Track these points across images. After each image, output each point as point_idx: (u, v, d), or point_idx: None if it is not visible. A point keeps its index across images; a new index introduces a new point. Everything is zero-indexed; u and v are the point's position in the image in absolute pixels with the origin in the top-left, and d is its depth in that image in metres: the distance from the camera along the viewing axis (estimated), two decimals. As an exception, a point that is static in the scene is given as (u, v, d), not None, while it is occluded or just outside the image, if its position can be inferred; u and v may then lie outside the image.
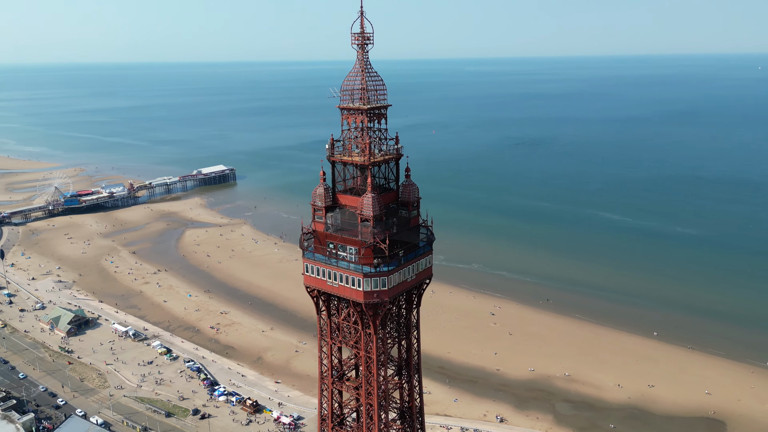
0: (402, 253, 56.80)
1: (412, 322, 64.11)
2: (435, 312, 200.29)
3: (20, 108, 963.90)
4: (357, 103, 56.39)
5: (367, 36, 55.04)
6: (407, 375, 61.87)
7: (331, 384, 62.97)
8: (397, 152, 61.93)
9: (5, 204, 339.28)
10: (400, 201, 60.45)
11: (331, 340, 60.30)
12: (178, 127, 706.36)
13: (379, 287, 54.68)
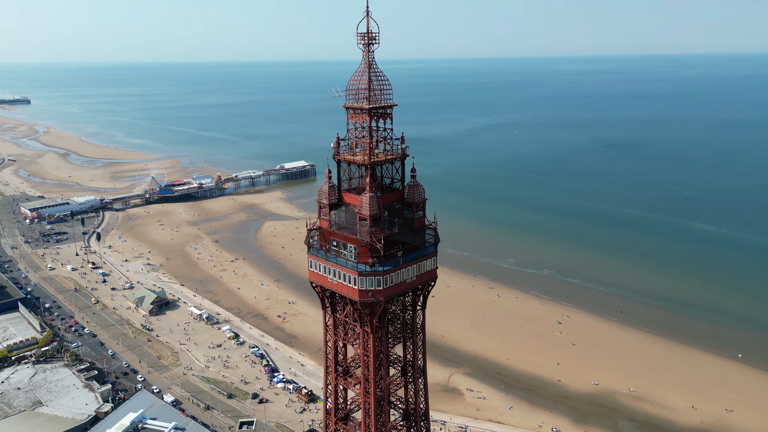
0: (401, 253, 56.62)
1: (417, 324, 63.47)
2: (498, 317, 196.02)
3: (130, 103, 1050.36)
4: (361, 103, 56.73)
5: (372, 36, 55.12)
6: (412, 377, 61.47)
7: (335, 379, 63.84)
8: (402, 152, 61.46)
9: (109, 191, 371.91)
10: (405, 201, 60.08)
11: (335, 336, 61.13)
12: (268, 123, 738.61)
13: (374, 286, 54.83)
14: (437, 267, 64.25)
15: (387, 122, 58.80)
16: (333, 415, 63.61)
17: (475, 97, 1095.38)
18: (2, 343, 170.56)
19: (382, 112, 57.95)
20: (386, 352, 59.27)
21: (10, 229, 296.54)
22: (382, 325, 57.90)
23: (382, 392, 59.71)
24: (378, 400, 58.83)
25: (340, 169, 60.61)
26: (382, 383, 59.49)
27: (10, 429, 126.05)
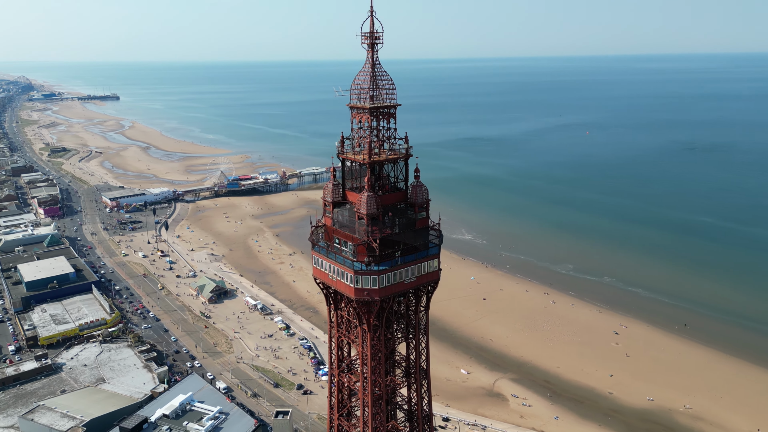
0: (399, 253, 56.08)
1: (419, 325, 62.63)
2: (551, 323, 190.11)
3: (208, 100, 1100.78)
4: (363, 102, 56.67)
5: (376, 36, 54.88)
6: (415, 378, 60.76)
7: (337, 375, 64.23)
8: (406, 152, 60.80)
9: (182, 183, 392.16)
10: (408, 202, 59.43)
11: (337, 332, 61.54)
12: (336, 120, 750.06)
13: (369, 285, 54.79)
14: (440, 269, 63.47)
15: (390, 122, 58.67)
16: (336, 410, 64.36)
17: (546, 97, 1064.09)
18: (75, 322, 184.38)
19: (385, 112, 57.85)
20: (384, 351, 59.16)
21: (92, 216, 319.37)
22: (381, 324, 57.93)
23: (381, 391, 59.66)
24: (376, 398, 58.87)
25: (344, 168, 61.09)
26: (381, 382, 59.42)
27: (74, 402, 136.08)
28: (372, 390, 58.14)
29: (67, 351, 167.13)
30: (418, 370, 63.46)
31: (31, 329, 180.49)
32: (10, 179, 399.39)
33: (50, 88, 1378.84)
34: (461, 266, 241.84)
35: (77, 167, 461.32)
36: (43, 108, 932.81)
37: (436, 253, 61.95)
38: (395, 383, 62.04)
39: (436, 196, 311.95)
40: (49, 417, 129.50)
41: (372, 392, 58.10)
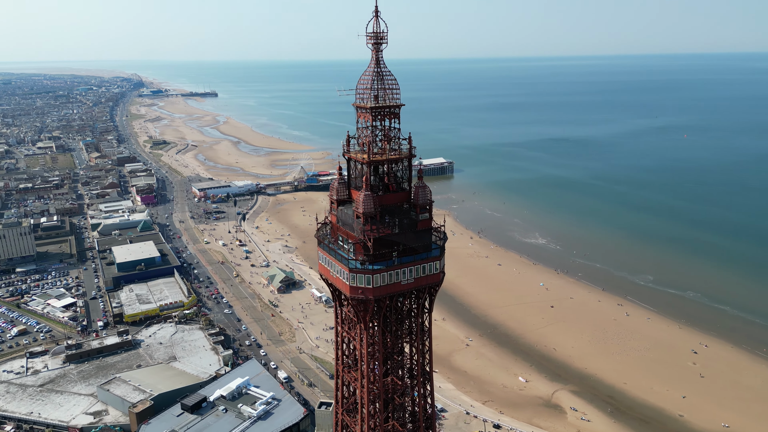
0: (396, 254, 55.07)
1: (419, 327, 61.26)
2: (623, 336, 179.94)
3: (298, 98, 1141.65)
4: (366, 102, 56.21)
5: (380, 36, 54.11)
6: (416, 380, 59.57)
7: (341, 370, 64.41)
8: (409, 152, 59.60)
9: (266, 177, 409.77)
10: (411, 203, 58.26)
11: (341, 329, 61.66)
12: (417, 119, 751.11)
13: (363, 284, 54.47)
14: (442, 272, 62.27)
15: (394, 122, 58.08)
16: (340, 405, 64.90)
17: (640, 97, 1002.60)
18: (157, 302, 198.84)
19: (388, 112, 57.34)
20: (382, 351, 58.86)
21: (181, 205, 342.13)
22: (378, 324, 57.63)
23: (379, 390, 59.37)
24: (373, 397, 58.71)
25: (350, 167, 61.38)
26: (379, 381, 59.16)
27: (146, 377, 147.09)
28: (368, 388, 58.31)
29: (147, 329, 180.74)
30: (419, 371, 62.78)
31: (118, 307, 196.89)
32: (115, 168, 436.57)
33: (158, 85, 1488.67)
34: (531, 271, 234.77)
35: (174, 159, 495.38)
36: (151, 103, 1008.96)
37: (437, 256, 60.92)
38: (396, 383, 61.74)
39: (510, 198, 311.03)
40: (123, 389, 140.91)
41: (368, 390, 58.28)
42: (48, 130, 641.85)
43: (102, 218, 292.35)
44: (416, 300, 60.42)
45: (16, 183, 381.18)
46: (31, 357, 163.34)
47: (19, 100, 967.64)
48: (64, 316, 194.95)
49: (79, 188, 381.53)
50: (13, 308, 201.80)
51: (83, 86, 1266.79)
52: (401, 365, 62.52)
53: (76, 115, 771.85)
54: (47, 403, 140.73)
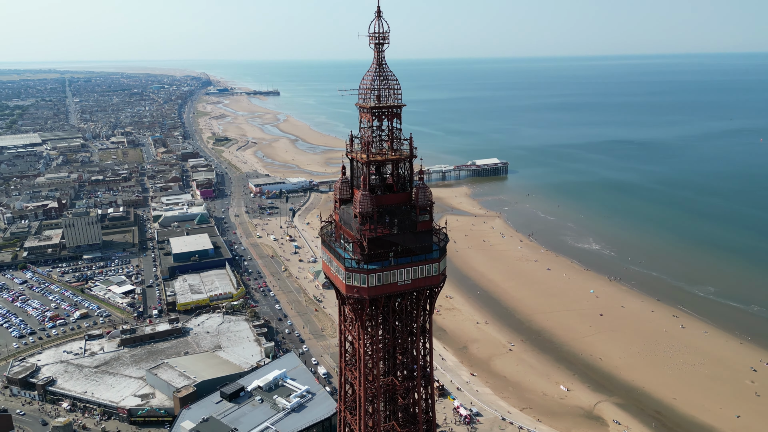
0: (392, 254, 54.12)
1: (419, 328, 60.09)
2: (675, 350, 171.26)
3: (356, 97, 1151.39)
4: (368, 102, 55.63)
5: (382, 36, 53.32)
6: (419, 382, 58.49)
7: (344, 368, 64.26)
8: (410, 153, 58.55)
9: (320, 174, 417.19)
10: (411, 204, 57.22)
11: (344, 326, 61.48)
12: (474, 119, 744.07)
13: (359, 283, 54.07)
14: (442, 274, 61.05)
15: (395, 122, 57.47)
16: (342, 402, 64.97)
17: (715, 98, 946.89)
18: (207, 293, 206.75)
19: (389, 112, 56.76)
20: (380, 350, 58.43)
21: (238, 200, 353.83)
22: (375, 323, 57.24)
23: (376, 390, 58.99)
24: (370, 396, 58.40)
25: (353, 166, 61.27)
26: (376, 381, 58.77)
27: (192, 364, 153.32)
28: (365, 387, 58.26)
29: (196, 318, 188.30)
30: (419, 372, 62.07)
31: (171, 295, 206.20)
32: (178, 163, 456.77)
33: (225, 83, 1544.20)
34: (582, 277, 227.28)
35: (234, 155, 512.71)
36: (216, 101, 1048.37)
37: (436, 258, 59.93)
38: (396, 384, 61.39)
39: (565, 201, 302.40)
40: (169, 374, 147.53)
41: (365, 389, 58.22)
42: (121, 125, 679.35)
43: (163, 210, 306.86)
44: (415, 301, 59.99)
45: (89, 175, 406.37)
46: (89, 339, 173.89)
47: (97, 97, 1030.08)
48: (123, 302, 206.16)
49: (146, 181, 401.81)
50: (77, 293, 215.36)
51: (156, 84, 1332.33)
52: (402, 366, 62.23)
53: (148, 111, 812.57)
54: (100, 384, 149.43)
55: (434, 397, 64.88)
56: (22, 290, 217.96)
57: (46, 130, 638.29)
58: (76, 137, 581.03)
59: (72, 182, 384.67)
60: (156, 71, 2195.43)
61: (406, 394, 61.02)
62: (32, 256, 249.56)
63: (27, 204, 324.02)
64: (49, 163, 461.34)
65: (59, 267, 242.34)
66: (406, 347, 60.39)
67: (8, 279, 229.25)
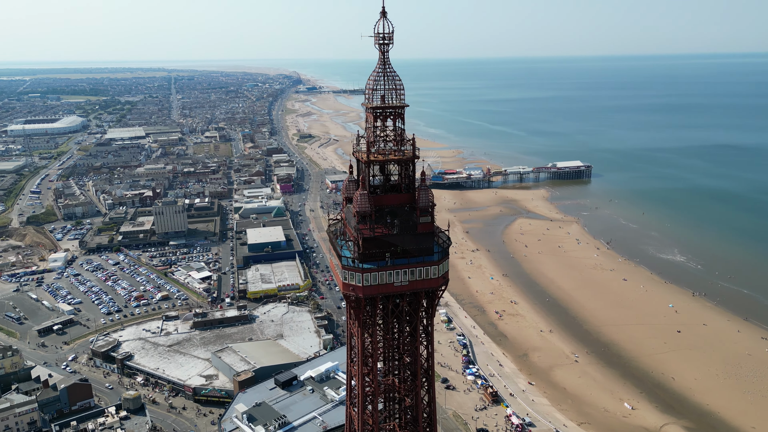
0: (389, 255, 52.69)
1: (419, 330, 58.29)
2: (761, 375, 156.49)
3: (439, 96, 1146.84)
4: (372, 102, 54.58)
5: (387, 36, 51.88)
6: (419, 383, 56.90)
7: (349, 365, 63.74)
8: (412, 154, 56.91)
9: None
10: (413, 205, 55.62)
11: (350, 324, 61.01)
12: (559, 119, 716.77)
13: (354, 282, 53.29)
14: (443, 277, 59.22)
15: (398, 123, 56.36)
16: (348, 399, 64.84)
17: None
18: (276, 283, 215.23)
19: (391, 112, 55.69)
20: (377, 349, 57.70)
21: (314, 195, 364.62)
22: (373, 323, 56.49)
23: (373, 388, 58.26)
24: (366, 394, 57.74)
25: (358, 166, 60.86)
26: (374, 380, 58.10)
27: (254, 350, 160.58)
28: (362, 385, 57.97)
29: (263, 306, 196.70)
30: (419, 373, 60.83)
31: (243, 283, 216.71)
32: (263, 158, 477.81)
33: (314, 82, 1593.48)
34: (661, 290, 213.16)
35: (316, 152, 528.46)
36: (304, 99, 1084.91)
37: (435, 260, 58.35)
38: (396, 384, 60.60)
39: (651, 209, 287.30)
40: (232, 358, 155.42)
41: (362, 387, 57.93)
42: (215, 121, 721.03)
43: (244, 202, 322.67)
44: (415, 303, 59.22)
45: (182, 167, 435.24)
46: (166, 320, 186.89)
47: (197, 94, 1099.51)
48: (200, 287, 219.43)
49: (232, 174, 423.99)
50: (161, 276, 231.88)
51: (250, 83, 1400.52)
52: (403, 366, 61.67)
53: (240, 108, 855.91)
54: (171, 362, 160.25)
55: (435, 399, 63.90)
56: (114, 271, 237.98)
57: (150, 124, 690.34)
58: (175, 131, 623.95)
59: (167, 173, 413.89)
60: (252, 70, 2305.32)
61: (408, 394, 60.66)
62: (126, 240, 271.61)
63: (126, 192, 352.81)
64: (150, 155, 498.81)
65: (148, 251, 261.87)
66: (407, 348, 60.01)
67: (103, 260, 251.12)
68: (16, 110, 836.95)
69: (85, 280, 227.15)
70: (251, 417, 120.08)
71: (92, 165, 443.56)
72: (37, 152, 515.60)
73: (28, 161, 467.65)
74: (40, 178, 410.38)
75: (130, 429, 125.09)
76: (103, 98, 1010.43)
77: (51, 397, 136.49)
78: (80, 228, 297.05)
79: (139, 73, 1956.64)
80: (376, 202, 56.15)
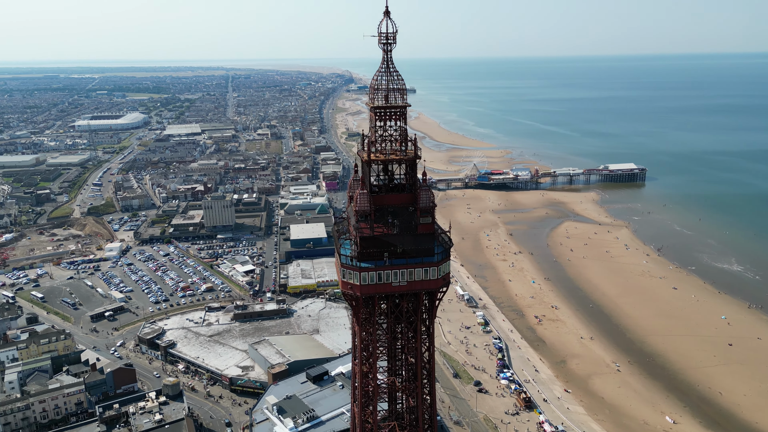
0: (387, 255, 51.67)
1: (420, 331, 56.93)
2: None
3: (491, 95, 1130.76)
4: (375, 102, 53.71)
5: (389, 36, 50.74)
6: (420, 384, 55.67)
7: (354, 363, 63.30)
8: (414, 154, 55.52)
9: (440, 172, 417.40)
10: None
11: (353, 323, 60.58)
12: (616, 120, 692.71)
13: (352, 280, 52.59)
14: (443, 279, 57.79)
15: (399, 123, 55.37)
16: (352, 396, 64.62)
17: None
18: (316, 278, 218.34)
19: (392, 113, 54.79)
20: (376, 348, 56.95)
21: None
22: (372, 322, 55.85)
23: (372, 387, 57.65)
24: (366, 392, 57.20)
25: (363, 165, 60.43)
26: (373, 379, 57.53)
27: (289, 344, 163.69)
28: (361, 384, 57.69)
29: (301, 301, 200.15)
30: (419, 374, 59.88)
31: (284, 278, 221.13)
32: (311, 155, 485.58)
33: (366, 81, 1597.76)
34: (713, 301, 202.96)
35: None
36: (355, 98, 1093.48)
37: (434, 261, 57.20)
38: (396, 384, 59.97)
39: (709, 215, 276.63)
40: (268, 350, 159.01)
41: (361, 386, 57.64)
42: (268, 119, 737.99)
43: (289, 199, 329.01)
44: (415, 303, 58.52)
45: (234, 163, 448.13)
46: (208, 311, 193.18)
47: (252, 93, 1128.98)
48: (243, 280, 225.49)
49: (280, 171, 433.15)
50: (207, 268, 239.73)
51: (304, 81, 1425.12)
52: (403, 367, 61.17)
53: (293, 106, 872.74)
54: (211, 352, 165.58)
55: (435, 400, 63.16)
56: (164, 262, 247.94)
57: (206, 121, 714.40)
58: (229, 128, 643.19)
59: (219, 169, 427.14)
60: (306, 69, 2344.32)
61: (410, 395, 60.30)
62: (177, 233, 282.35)
63: (180, 186, 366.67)
64: (204, 151, 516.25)
65: (197, 244, 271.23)
66: (408, 349, 59.57)
67: (155, 251, 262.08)
68: (84, 106, 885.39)
69: (137, 270, 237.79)
70: (281, 409, 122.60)
71: (150, 160, 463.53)
72: (101, 147, 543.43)
73: (92, 155, 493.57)
74: (102, 171, 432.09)
75: (168, 414, 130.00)
76: (165, 96, 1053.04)
77: (98, 380, 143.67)
78: (136, 219, 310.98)
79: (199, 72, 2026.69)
80: (378, 202, 56.25)
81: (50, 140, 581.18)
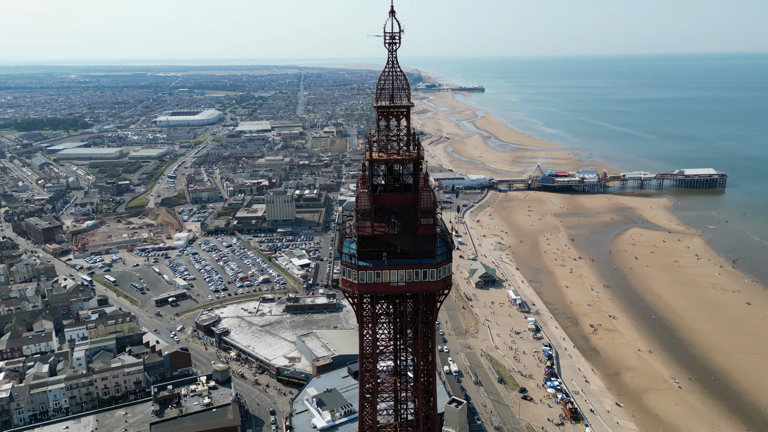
0: (385, 254, 50.28)
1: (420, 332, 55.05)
2: None
3: (563, 95, 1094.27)
4: (380, 101, 52.35)
5: (394, 36, 48.98)
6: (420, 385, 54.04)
7: (360, 362, 62.44)
8: (417, 154, 53.69)
9: (503, 173, 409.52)
10: None
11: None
12: (697, 123, 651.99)
13: (351, 279, 52.05)
14: (444, 281, 55.78)
15: (402, 122, 53.92)
16: (360, 396, 63.91)
17: None
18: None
19: (395, 112, 53.38)
20: (375, 347, 55.86)
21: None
22: (372, 321, 54.83)
23: (373, 387, 56.72)
24: (366, 390, 56.32)
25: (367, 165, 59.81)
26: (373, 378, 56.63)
27: (335, 338, 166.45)
28: (362, 383, 57.09)
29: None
30: (419, 374, 58.44)
31: (337, 273, 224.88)
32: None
33: (434, 79, 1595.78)
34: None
35: (425, 149, 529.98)
36: (422, 97, 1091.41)
37: (434, 263, 55.50)
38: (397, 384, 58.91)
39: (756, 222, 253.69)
40: (314, 343, 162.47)
41: (362, 385, 57.03)
42: (335, 117, 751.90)
43: (348, 195, 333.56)
44: (416, 305, 57.50)
45: (299, 160, 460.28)
46: (263, 302, 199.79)
47: (322, 91, 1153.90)
48: (298, 273, 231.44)
49: (342, 168, 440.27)
50: (266, 260, 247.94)
51: (373, 80, 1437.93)
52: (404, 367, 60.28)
53: (360, 105, 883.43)
54: (261, 341, 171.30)
55: (436, 401, 61.95)
56: (226, 253, 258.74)
57: (277, 118, 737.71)
58: (297, 126, 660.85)
59: (284, 165, 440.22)
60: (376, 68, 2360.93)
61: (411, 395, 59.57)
62: (240, 225, 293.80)
63: (247, 180, 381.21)
64: (272, 147, 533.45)
65: (258, 236, 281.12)
66: (408, 349, 58.80)
67: (218, 241, 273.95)
68: (167, 103, 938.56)
69: (201, 259, 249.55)
70: (320, 401, 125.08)
71: (221, 154, 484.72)
72: (178, 141, 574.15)
73: (169, 149, 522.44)
74: (177, 165, 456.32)
75: (216, 398, 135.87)
76: (240, 93, 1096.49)
77: (156, 362, 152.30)
78: (204, 211, 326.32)
79: (274, 71, 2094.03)
80: (381, 202, 56.24)
81: (134, 134, 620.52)
